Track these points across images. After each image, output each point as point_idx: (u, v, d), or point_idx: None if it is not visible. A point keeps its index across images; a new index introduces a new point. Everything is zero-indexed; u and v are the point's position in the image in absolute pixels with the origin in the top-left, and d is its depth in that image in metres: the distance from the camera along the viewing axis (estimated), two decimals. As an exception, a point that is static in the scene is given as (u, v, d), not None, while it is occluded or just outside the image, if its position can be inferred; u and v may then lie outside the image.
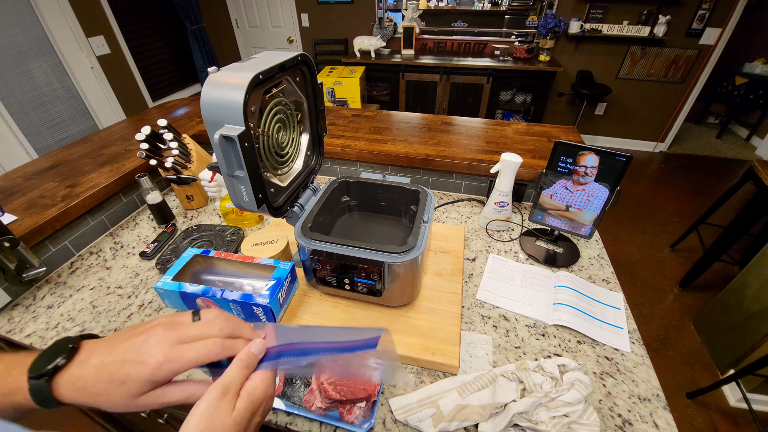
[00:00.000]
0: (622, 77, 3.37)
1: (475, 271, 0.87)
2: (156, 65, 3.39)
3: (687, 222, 2.52)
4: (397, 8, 3.55)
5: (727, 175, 3.28)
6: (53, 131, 2.56)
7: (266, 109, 0.57)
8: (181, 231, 1.01)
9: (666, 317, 1.94)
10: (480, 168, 1.08)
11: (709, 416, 1.50)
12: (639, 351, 0.68)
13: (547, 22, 3.07)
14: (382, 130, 1.30)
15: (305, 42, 3.99)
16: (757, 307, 1.44)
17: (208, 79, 0.47)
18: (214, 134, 0.47)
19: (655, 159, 3.57)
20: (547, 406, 0.56)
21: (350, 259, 0.62)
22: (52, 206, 0.91)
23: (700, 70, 3.17)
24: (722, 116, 4.02)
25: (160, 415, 0.84)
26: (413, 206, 0.76)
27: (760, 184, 1.72)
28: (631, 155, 0.73)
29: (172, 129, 1.02)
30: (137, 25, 3.12)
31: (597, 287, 0.82)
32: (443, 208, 1.10)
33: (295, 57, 0.58)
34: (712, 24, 2.96)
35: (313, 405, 0.55)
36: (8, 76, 2.25)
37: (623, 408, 0.60)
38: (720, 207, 2.09)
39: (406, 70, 3.36)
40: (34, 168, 1.11)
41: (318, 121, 0.72)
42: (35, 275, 0.78)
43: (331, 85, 3.14)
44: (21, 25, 2.31)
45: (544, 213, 0.90)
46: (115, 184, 1.03)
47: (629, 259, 2.32)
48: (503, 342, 0.70)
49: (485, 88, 3.28)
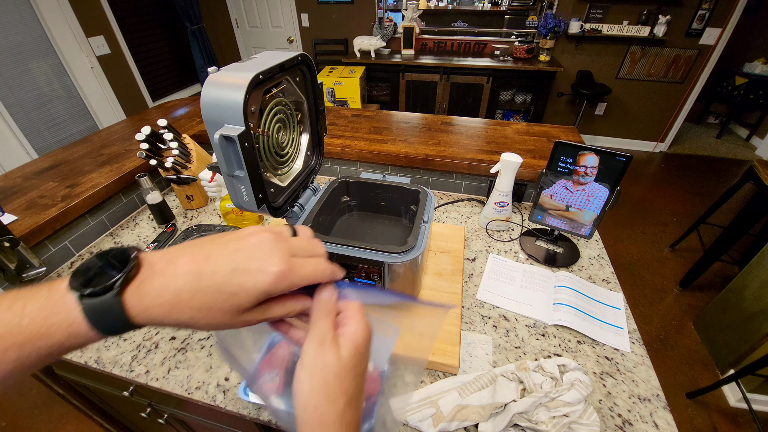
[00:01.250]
0: (622, 77, 3.37)
1: (475, 271, 0.87)
2: (156, 65, 3.39)
3: (687, 222, 2.52)
4: (397, 8, 3.55)
5: (727, 175, 3.28)
6: (53, 131, 2.56)
7: (266, 109, 0.57)
8: (181, 231, 1.01)
9: (666, 317, 1.94)
10: (480, 168, 1.08)
11: (709, 416, 1.50)
12: (639, 351, 0.68)
13: (547, 22, 3.07)
14: (382, 130, 1.30)
15: (305, 42, 3.99)
16: (757, 307, 1.44)
17: (208, 79, 0.47)
18: (214, 134, 0.47)
19: (655, 159, 3.57)
20: (547, 406, 0.56)
21: (350, 259, 0.62)
22: (52, 206, 0.91)
23: (700, 70, 3.17)
24: (722, 116, 4.02)
25: (159, 415, 0.84)
26: (413, 206, 0.76)
27: (760, 184, 1.72)
28: (631, 155, 0.73)
29: (172, 129, 1.02)
30: (137, 25, 3.12)
31: (597, 287, 0.82)
32: (443, 208, 1.10)
33: (295, 57, 0.58)
34: (712, 24, 2.96)
35: (313, 405, 0.55)
36: (8, 76, 2.25)
37: (623, 408, 0.60)
38: (720, 207, 2.08)
39: (406, 70, 3.36)
40: (34, 168, 1.11)
41: (318, 121, 0.72)
42: (35, 275, 0.78)
43: (331, 85, 3.14)
44: (21, 25, 2.31)
45: (544, 213, 0.90)
46: (115, 184, 1.03)
47: (629, 259, 2.32)
48: (503, 342, 0.70)
49: (485, 88, 3.28)
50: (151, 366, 0.67)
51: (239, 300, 0.26)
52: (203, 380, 0.64)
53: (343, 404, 0.27)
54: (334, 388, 0.26)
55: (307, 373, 0.27)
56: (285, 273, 0.27)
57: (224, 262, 0.26)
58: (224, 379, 0.64)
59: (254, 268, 0.26)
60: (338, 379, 0.27)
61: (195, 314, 0.26)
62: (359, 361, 0.28)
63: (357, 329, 0.29)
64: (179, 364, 0.67)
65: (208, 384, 0.64)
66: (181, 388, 0.64)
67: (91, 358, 0.69)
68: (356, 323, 0.29)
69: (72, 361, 0.69)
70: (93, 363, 0.68)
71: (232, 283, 0.26)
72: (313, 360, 0.27)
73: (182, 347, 0.70)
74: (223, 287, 0.26)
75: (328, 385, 0.26)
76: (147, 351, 0.70)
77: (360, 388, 0.29)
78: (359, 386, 0.28)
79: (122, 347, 0.71)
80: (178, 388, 0.64)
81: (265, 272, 0.26)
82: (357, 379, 0.28)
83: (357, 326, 0.29)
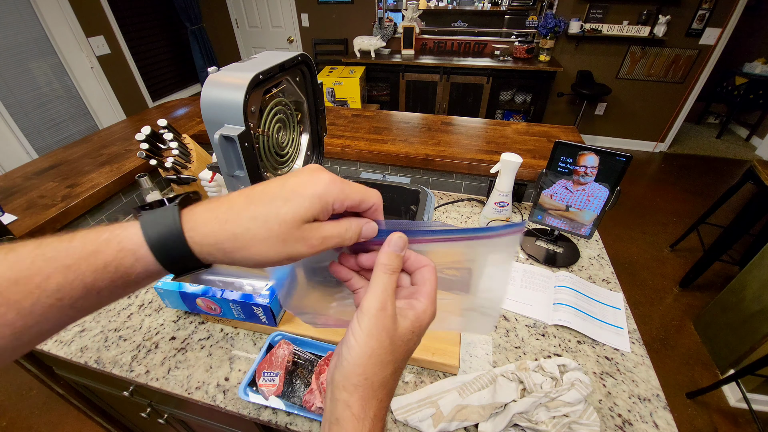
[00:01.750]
0: (622, 77, 3.37)
1: (475, 271, 0.86)
2: (156, 65, 3.39)
3: (687, 222, 2.51)
4: (397, 8, 3.55)
5: (727, 175, 3.28)
6: (53, 131, 2.56)
7: (266, 109, 0.57)
8: (181, 231, 1.01)
9: (666, 317, 1.94)
10: (480, 168, 1.08)
11: (709, 416, 1.50)
12: (639, 351, 0.68)
13: (547, 22, 3.07)
14: (382, 130, 1.30)
15: (305, 42, 3.99)
16: (757, 307, 1.44)
17: (208, 79, 0.47)
18: (214, 134, 0.47)
19: (655, 159, 3.57)
20: (547, 406, 0.56)
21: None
22: (52, 206, 0.91)
23: (700, 70, 3.17)
24: (722, 116, 4.02)
25: (159, 415, 0.84)
26: (413, 206, 0.76)
27: (760, 184, 1.72)
28: (631, 155, 0.73)
29: (172, 129, 1.02)
30: (137, 25, 3.12)
31: (597, 287, 0.82)
32: (443, 208, 1.10)
33: (295, 57, 0.58)
34: (712, 24, 2.96)
35: (313, 405, 0.55)
36: (8, 76, 2.25)
37: (623, 408, 0.60)
38: (720, 207, 2.08)
39: (406, 70, 3.36)
40: (34, 168, 1.11)
41: (318, 121, 0.72)
42: (35, 275, 0.78)
43: (331, 85, 3.14)
44: (21, 25, 2.31)
45: (544, 213, 0.89)
46: (115, 184, 1.03)
47: (629, 259, 2.32)
48: (503, 342, 0.70)
49: (485, 88, 3.28)
50: (151, 366, 0.67)
51: (294, 207, 0.25)
52: (203, 380, 0.64)
53: (391, 372, 0.27)
54: (387, 355, 0.27)
55: (365, 332, 0.26)
56: (336, 180, 0.27)
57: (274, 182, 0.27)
58: (224, 379, 0.64)
59: (305, 177, 0.26)
60: (393, 346, 0.27)
61: (251, 225, 0.24)
62: (414, 338, 0.29)
63: (426, 309, 0.29)
64: (179, 364, 0.67)
65: (208, 384, 0.64)
66: (181, 388, 0.64)
67: (91, 358, 0.69)
68: (428, 304, 0.29)
69: (72, 361, 0.69)
70: (93, 363, 0.68)
71: (286, 190, 0.25)
72: (373, 320, 0.27)
73: (182, 347, 0.70)
74: (277, 195, 0.25)
75: (383, 350, 0.27)
76: (147, 351, 0.70)
77: (405, 362, 0.29)
78: (405, 359, 0.29)
79: (122, 347, 0.71)
80: (178, 388, 0.64)
81: (316, 179, 0.26)
82: (407, 353, 0.29)
83: (427, 306, 0.29)
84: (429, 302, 0.29)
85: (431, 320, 0.30)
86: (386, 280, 0.28)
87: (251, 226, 0.24)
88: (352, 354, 0.26)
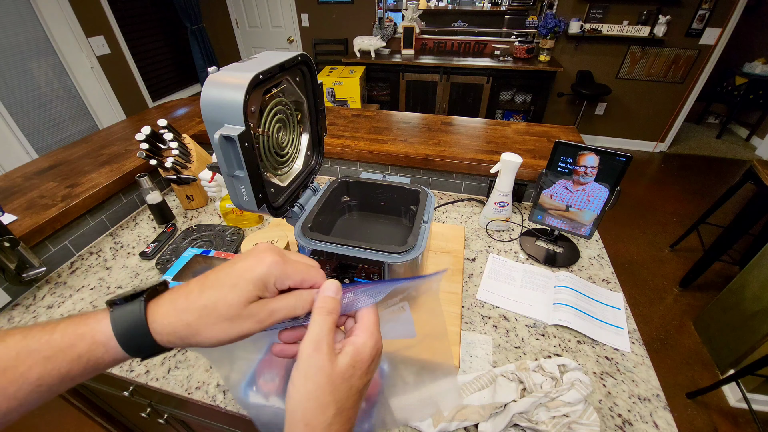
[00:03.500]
0: (622, 77, 3.37)
1: (475, 271, 0.87)
2: (156, 65, 3.39)
3: (687, 222, 2.51)
4: (397, 8, 3.55)
5: (727, 175, 3.28)
6: (53, 131, 2.56)
7: (266, 109, 0.57)
8: (181, 231, 1.01)
9: (666, 317, 1.94)
10: (480, 168, 1.08)
11: (709, 416, 1.50)
12: (639, 351, 0.68)
13: (547, 22, 3.07)
14: (382, 130, 1.30)
15: (305, 42, 3.99)
16: (757, 307, 1.44)
17: (208, 79, 0.47)
18: (214, 134, 0.47)
19: (655, 159, 3.57)
20: (547, 406, 0.56)
21: (350, 259, 0.62)
22: (52, 206, 0.91)
23: (700, 70, 3.17)
24: (722, 116, 4.02)
25: (159, 415, 0.84)
26: (413, 206, 0.76)
27: (760, 184, 1.72)
28: (631, 155, 0.73)
29: (172, 129, 1.02)
30: (137, 25, 3.12)
31: (597, 287, 0.82)
32: (443, 208, 1.10)
33: (295, 57, 0.58)
34: (712, 24, 2.97)
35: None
36: (8, 76, 2.25)
37: (623, 408, 0.60)
38: (720, 207, 2.09)
39: (406, 70, 3.36)
40: (34, 168, 1.11)
41: (318, 121, 0.72)
42: (35, 275, 0.78)
43: (331, 85, 3.14)
44: (21, 25, 2.31)
45: (544, 213, 0.90)
46: (115, 184, 1.03)
47: (629, 259, 2.32)
48: (503, 342, 0.70)
49: (485, 88, 3.28)
50: (151, 366, 0.67)
51: (238, 291, 0.28)
52: (203, 380, 0.64)
53: (333, 413, 0.26)
54: (326, 396, 0.26)
55: (301, 375, 0.26)
56: (278, 261, 0.29)
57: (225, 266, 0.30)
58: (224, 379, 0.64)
59: (251, 261, 0.29)
60: (331, 386, 0.26)
61: (202, 313, 0.27)
62: (357, 374, 0.27)
63: (366, 342, 0.28)
64: (179, 364, 0.67)
65: (208, 384, 0.64)
66: (181, 388, 0.64)
67: (91, 358, 0.69)
68: (367, 337, 0.29)
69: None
70: (93, 363, 0.68)
71: (232, 276, 0.28)
72: (307, 362, 0.27)
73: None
74: (225, 282, 0.28)
75: (321, 391, 0.26)
76: (147, 351, 0.70)
77: (354, 402, 0.28)
78: (353, 399, 0.27)
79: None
80: (178, 388, 0.64)
81: (260, 261, 0.29)
82: (351, 390, 0.27)
83: (367, 340, 0.29)
84: (368, 335, 0.29)
85: (374, 353, 0.29)
86: (320, 321, 0.28)
87: (202, 313, 0.28)
88: (291, 402, 0.26)
